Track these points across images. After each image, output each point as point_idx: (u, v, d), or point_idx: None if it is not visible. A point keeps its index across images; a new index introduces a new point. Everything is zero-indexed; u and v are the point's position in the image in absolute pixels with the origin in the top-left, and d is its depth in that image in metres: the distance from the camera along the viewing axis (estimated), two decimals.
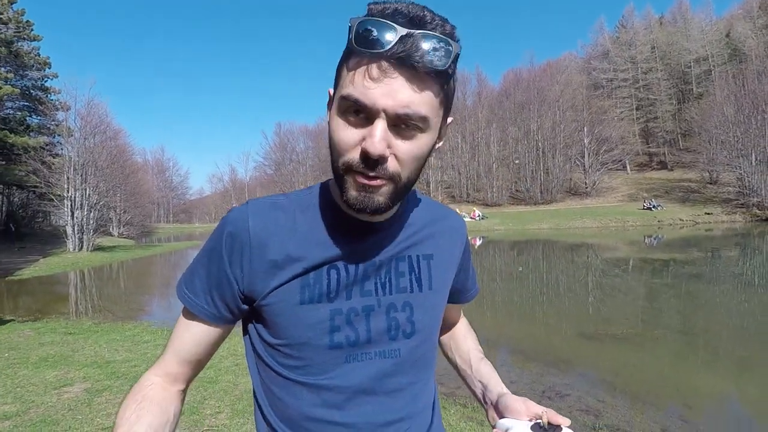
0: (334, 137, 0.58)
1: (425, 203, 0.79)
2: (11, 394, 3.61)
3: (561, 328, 6.63)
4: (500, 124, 51.23)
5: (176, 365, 0.71)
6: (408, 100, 0.53)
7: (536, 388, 4.00)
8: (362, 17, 0.55)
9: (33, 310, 8.36)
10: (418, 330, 0.70)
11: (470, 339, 0.91)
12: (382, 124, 0.54)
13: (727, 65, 47.86)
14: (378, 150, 0.54)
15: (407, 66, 0.52)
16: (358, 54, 0.54)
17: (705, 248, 16.74)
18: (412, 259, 0.71)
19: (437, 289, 0.73)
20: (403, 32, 0.52)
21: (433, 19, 0.54)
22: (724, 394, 4.03)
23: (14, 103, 29.11)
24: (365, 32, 0.53)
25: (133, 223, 40.34)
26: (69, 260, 18.04)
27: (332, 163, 0.60)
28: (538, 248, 20.30)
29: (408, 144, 0.56)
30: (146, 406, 0.66)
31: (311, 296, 0.65)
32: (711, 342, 5.66)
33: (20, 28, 28.43)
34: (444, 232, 0.77)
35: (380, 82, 0.53)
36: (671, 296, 8.52)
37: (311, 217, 0.69)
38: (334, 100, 0.59)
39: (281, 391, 0.67)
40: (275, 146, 75.61)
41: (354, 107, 0.55)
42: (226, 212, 0.72)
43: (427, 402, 0.74)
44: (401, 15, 0.53)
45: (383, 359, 0.67)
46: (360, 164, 0.56)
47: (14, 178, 24.92)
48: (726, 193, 33.56)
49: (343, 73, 0.58)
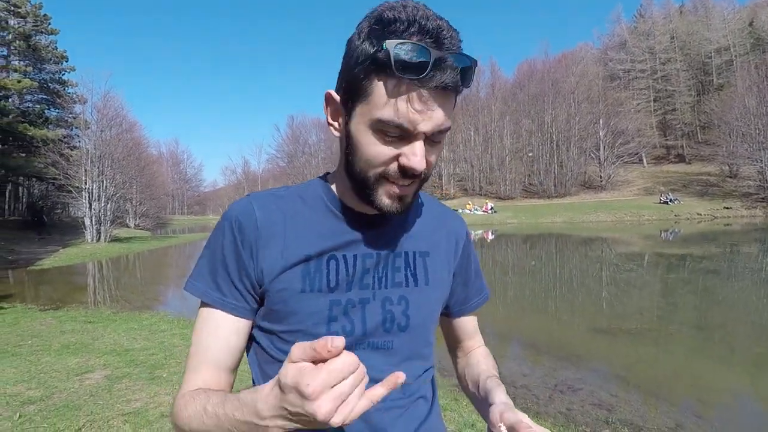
0: (368, 151, 0.62)
1: (425, 201, 0.80)
2: (35, 380, 3.73)
3: (574, 323, 6.59)
4: (514, 117, 50.64)
5: (213, 374, 0.67)
6: (442, 121, 0.60)
7: (548, 382, 4.00)
8: (387, 33, 0.57)
9: (54, 299, 8.58)
10: (413, 324, 0.71)
11: (483, 364, 0.83)
12: (421, 144, 0.60)
13: (749, 55, 46.54)
14: (421, 167, 0.60)
15: (443, 91, 0.58)
16: (394, 78, 0.56)
17: (723, 243, 16.41)
18: (408, 255, 0.73)
19: (433, 285, 0.74)
20: (436, 55, 0.55)
21: (449, 31, 0.58)
22: (740, 390, 3.98)
23: (33, 96, 29.73)
24: (405, 59, 0.55)
25: (148, 214, 40.95)
26: (87, 251, 18.43)
27: (355, 171, 0.64)
28: (551, 242, 20.12)
29: (435, 150, 0.64)
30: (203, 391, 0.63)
31: (312, 286, 0.66)
32: (727, 338, 5.58)
33: (38, 21, 28.92)
34: (441, 230, 0.79)
35: (424, 113, 0.58)
36: (687, 292, 8.40)
37: (311, 209, 0.71)
38: (360, 114, 0.61)
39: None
40: (288, 138, 75.92)
41: (393, 130, 0.59)
42: (227, 208, 0.72)
43: (423, 395, 0.75)
44: (426, 32, 0.57)
45: (378, 351, 0.69)
46: (398, 176, 0.62)
47: (34, 170, 25.49)
48: (746, 187, 32.75)
49: (373, 90, 0.59)
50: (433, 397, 0.77)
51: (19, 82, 25.59)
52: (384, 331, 0.69)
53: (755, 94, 34.88)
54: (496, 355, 0.86)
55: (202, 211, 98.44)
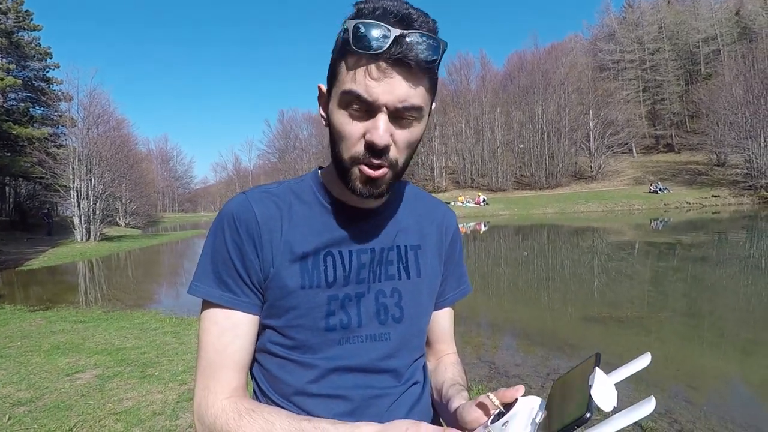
0: (340, 130, 0.63)
1: (416, 195, 0.82)
2: (25, 381, 3.68)
3: (566, 312, 6.64)
4: (504, 108, 50.70)
5: (236, 376, 0.69)
6: (405, 95, 0.59)
7: (541, 371, 4.03)
8: (356, 19, 0.59)
9: (43, 299, 8.48)
10: (408, 315, 0.74)
11: (450, 371, 0.81)
12: (384, 117, 0.60)
13: (736, 44, 46.95)
14: (383, 140, 0.60)
15: (403, 65, 0.58)
16: (355, 54, 0.58)
17: (711, 231, 16.63)
18: (401, 249, 0.75)
19: (425, 277, 0.77)
20: (396, 33, 0.57)
21: (419, 17, 0.59)
22: (730, 376, 4.04)
23: (17, 94, 29.18)
24: (362, 34, 0.57)
25: (139, 212, 40.55)
26: (77, 250, 18.22)
27: (336, 156, 0.65)
28: (543, 233, 20.25)
29: (406, 132, 0.62)
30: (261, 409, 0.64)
31: (311, 282, 0.68)
32: (716, 324, 5.66)
33: (20, 18, 28.31)
34: (432, 223, 0.80)
35: (381, 81, 0.58)
36: (677, 279, 8.51)
37: (306, 204, 0.72)
38: (334, 95, 0.63)
39: (278, 369, 0.71)
40: (278, 134, 75.56)
41: (356, 102, 0.60)
42: (223, 206, 0.73)
43: (416, 380, 0.77)
44: (392, 15, 0.58)
45: (374, 342, 0.71)
46: (366, 155, 0.62)
47: (20, 169, 25.07)
48: (734, 176, 33.19)
49: (340, 70, 0.62)
50: (424, 381, 0.80)
51: (2, 80, 25.07)
52: (379, 323, 0.72)
53: (742, 83, 35.24)
54: (489, 346, 0.87)
55: (193, 208, 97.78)
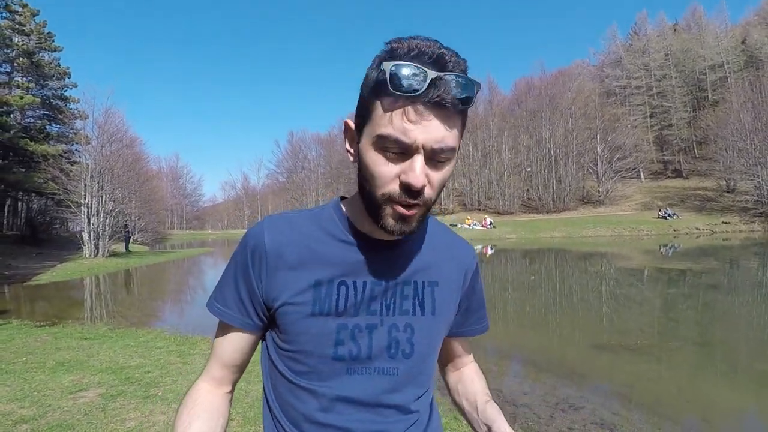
0: (373, 171, 0.63)
1: (437, 230, 0.82)
2: (29, 398, 3.67)
3: (574, 339, 6.53)
4: (512, 132, 51.00)
5: (219, 370, 0.78)
6: (442, 137, 0.60)
7: (549, 401, 3.94)
8: (391, 59, 0.59)
9: (50, 315, 8.48)
10: (417, 352, 0.74)
11: (478, 383, 0.89)
12: (420, 159, 0.61)
13: (743, 72, 47.12)
14: (420, 182, 0.60)
15: (441, 107, 0.59)
16: (392, 95, 0.59)
17: (723, 258, 16.38)
18: (418, 284, 0.75)
19: (439, 315, 0.77)
20: (433, 75, 0.58)
21: (452, 57, 0.60)
22: (743, 408, 3.93)
23: (35, 112, 29.90)
24: (400, 76, 0.57)
25: (147, 229, 40.81)
26: (85, 266, 18.32)
27: (368, 193, 0.66)
28: (550, 257, 20.07)
29: (440, 173, 0.64)
30: (197, 411, 0.73)
31: (321, 309, 0.70)
32: (729, 354, 5.53)
33: (42, 39, 29.27)
34: (452, 261, 0.81)
35: (418, 123, 0.59)
36: (688, 307, 8.35)
37: (325, 233, 0.73)
38: (367, 134, 0.64)
39: (287, 393, 0.73)
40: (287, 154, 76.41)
41: (393, 145, 0.61)
42: (247, 228, 0.79)
43: (422, 414, 0.78)
44: (427, 56, 0.59)
45: (382, 375, 0.72)
46: (401, 194, 0.62)
47: (33, 185, 25.48)
48: (744, 202, 32.84)
49: (375, 110, 0.62)
50: (429, 419, 0.80)
51: (21, 98, 25.75)
52: (389, 357, 0.72)
53: (750, 110, 35.21)
54: (496, 373, 0.89)
55: (200, 226, 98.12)
